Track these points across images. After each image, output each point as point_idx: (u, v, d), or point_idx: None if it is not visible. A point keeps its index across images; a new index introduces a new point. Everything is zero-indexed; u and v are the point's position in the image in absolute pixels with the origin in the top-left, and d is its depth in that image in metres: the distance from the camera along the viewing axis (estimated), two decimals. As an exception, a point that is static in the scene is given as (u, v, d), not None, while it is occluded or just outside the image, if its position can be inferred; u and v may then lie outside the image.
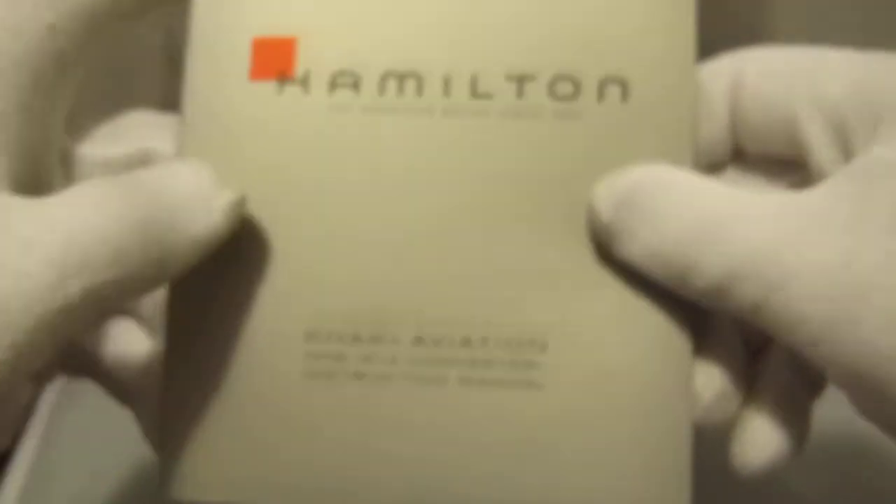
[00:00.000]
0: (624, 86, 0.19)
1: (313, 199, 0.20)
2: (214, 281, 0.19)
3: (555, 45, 0.20)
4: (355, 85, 0.20)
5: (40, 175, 0.17)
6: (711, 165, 0.20)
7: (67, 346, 0.20)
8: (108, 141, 0.20)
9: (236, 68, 0.20)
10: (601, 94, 0.19)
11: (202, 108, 0.20)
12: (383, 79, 0.20)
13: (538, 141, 0.19)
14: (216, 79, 0.20)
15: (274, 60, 0.20)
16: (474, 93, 0.20)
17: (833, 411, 0.19)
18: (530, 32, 0.20)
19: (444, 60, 0.20)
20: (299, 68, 0.20)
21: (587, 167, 0.19)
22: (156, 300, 0.21)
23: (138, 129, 0.20)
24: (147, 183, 0.17)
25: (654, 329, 0.19)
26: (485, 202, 0.19)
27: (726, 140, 0.20)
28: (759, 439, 0.18)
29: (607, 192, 0.18)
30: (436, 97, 0.20)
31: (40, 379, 0.21)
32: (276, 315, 0.20)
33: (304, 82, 0.20)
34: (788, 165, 0.19)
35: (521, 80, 0.20)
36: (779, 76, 0.19)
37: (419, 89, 0.20)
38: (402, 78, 0.20)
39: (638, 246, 0.18)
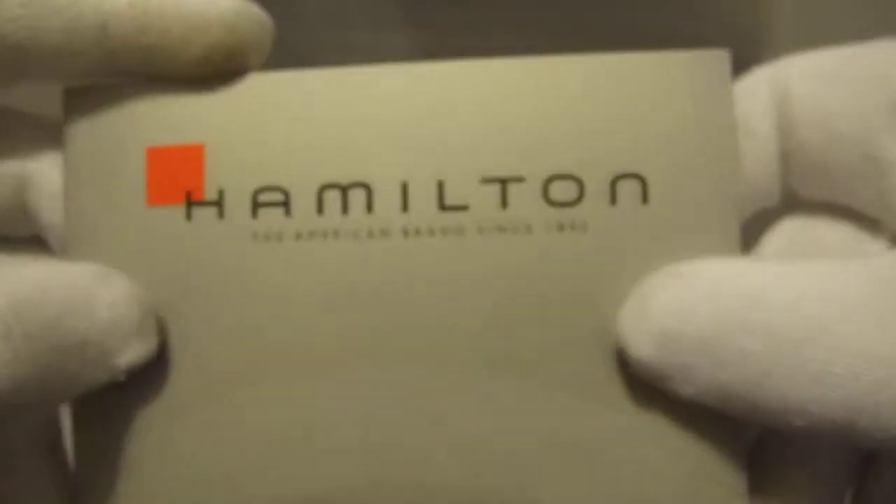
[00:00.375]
0: (643, 183, 0.15)
1: (244, 355, 0.15)
2: (124, 463, 0.15)
3: (547, 138, 0.15)
4: (286, 204, 0.15)
5: None
6: (757, 212, 0.16)
7: None
8: None
9: (129, 191, 0.15)
10: (613, 195, 0.15)
11: (91, 242, 0.15)
12: (321, 194, 0.15)
13: (531, 262, 0.15)
14: (105, 206, 0.15)
15: (176, 177, 0.15)
16: (443, 204, 0.15)
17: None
18: (511, 125, 0.15)
19: (399, 165, 0.15)
20: (210, 185, 0.15)
21: (601, 294, 0.15)
22: None
23: (30, 143, 0.16)
24: (56, 318, 0.14)
25: (704, 477, 0.14)
26: (465, 347, 0.15)
27: (775, 174, 0.16)
28: None
29: (639, 322, 0.14)
30: (392, 213, 0.15)
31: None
32: None
33: (219, 204, 0.15)
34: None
35: (504, 184, 0.15)
36: (836, 80, 0.15)
37: (369, 204, 0.15)
38: (345, 191, 0.15)
39: (700, 387, 0.13)
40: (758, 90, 0.15)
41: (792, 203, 0.16)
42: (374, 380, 0.15)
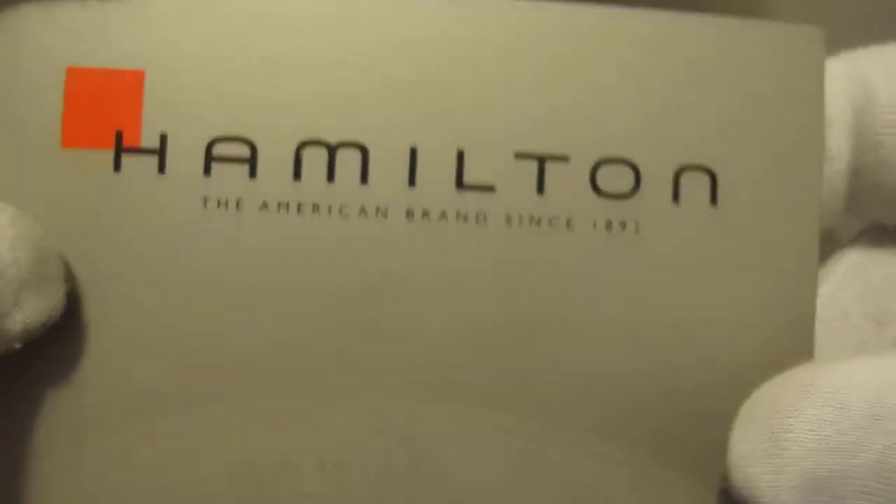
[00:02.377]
0: (713, 179, 0.12)
1: (181, 361, 0.11)
2: None
3: (600, 109, 0.12)
4: (251, 161, 0.11)
5: None
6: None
7: None
8: None
9: (39, 126, 0.11)
10: (676, 191, 0.12)
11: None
12: (300, 152, 0.11)
13: (567, 268, 0.12)
14: (8, 144, 0.11)
15: (105, 112, 0.11)
16: (461, 181, 0.11)
17: None
18: (558, 87, 0.12)
19: (408, 123, 0.11)
20: (149, 128, 0.11)
21: (653, 316, 0.12)
22: None
23: None
24: None
25: None
26: (477, 383, 0.11)
27: (842, 194, 0.13)
28: None
29: (773, 463, 0.11)
30: (394, 186, 0.12)
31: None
32: None
33: (160, 153, 0.11)
34: None
35: (542, 163, 0.11)
36: None
37: (364, 172, 0.11)
38: (333, 152, 0.11)
39: None
40: (830, 92, 0.12)
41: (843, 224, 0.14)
42: (344, 415, 0.11)
